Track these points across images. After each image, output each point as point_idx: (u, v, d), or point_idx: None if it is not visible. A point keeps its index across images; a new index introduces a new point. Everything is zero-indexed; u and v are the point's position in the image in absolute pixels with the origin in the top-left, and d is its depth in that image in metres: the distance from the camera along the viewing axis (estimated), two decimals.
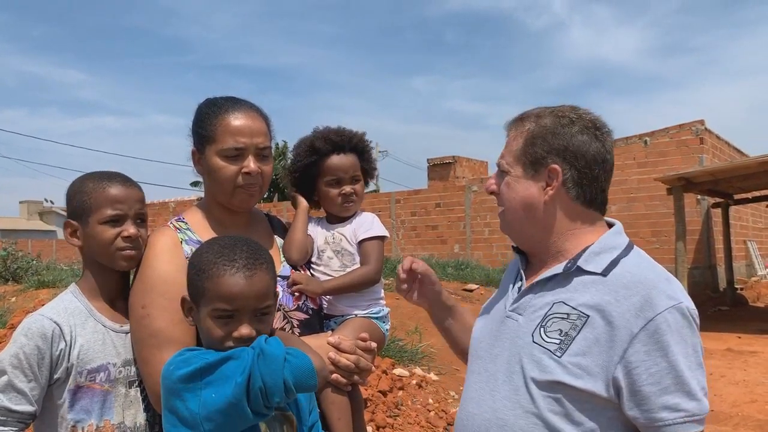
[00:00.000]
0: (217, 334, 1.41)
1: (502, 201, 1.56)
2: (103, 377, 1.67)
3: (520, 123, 1.55)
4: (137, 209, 1.75)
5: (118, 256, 1.71)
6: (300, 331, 1.83)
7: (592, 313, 1.37)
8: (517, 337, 1.46)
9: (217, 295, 1.41)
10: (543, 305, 1.45)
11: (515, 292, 1.57)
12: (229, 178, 1.75)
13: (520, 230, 1.57)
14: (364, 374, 1.80)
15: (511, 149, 1.55)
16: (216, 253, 1.47)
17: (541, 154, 1.50)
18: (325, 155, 2.01)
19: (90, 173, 1.80)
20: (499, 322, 1.55)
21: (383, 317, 2.03)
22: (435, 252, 17.46)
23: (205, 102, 1.85)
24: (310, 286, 1.89)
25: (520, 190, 1.53)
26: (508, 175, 1.54)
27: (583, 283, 1.42)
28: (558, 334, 1.39)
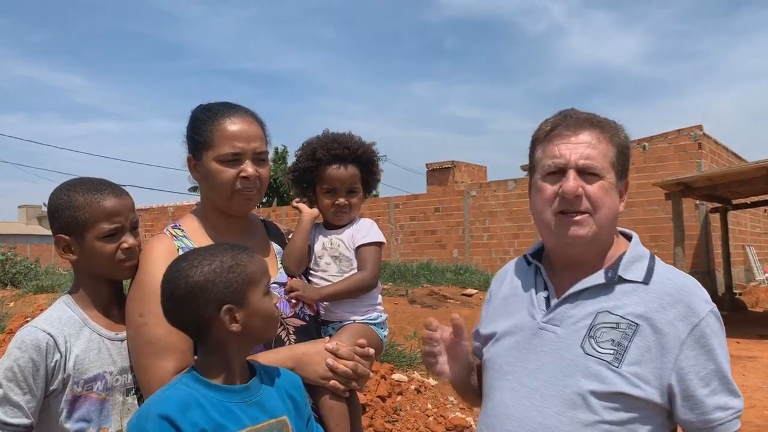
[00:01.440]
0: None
1: (595, 205, 1.46)
2: (100, 386, 1.66)
3: (598, 128, 1.50)
4: (132, 218, 1.74)
5: (120, 268, 1.71)
6: (296, 338, 1.83)
7: (640, 321, 1.38)
8: (561, 350, 1.43)
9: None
10: (585, 315, 1.43)
11: (541, 302, 1.52)
12: (227, 183, 1.75)
13: (599, 239, 1.50)
14: (362, 380, 1.80)
15: (603, 153, 1.48)
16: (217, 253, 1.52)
17: (627, 167, 1.55)
18: (325, 164, 2.01)
19: (74, 183, 1.75)
20: (530, 335, 1.49)
21: (381, 323, 2.03)
22: (434, 257, 17.44)
23: (199, 108, 1.85)
24: (307, 292, 1.89)
25: (614, 198, 1.50)
26: (601, 179, 1.47)
27: (625, 291, 1.43)
28: (611, 344, 1.38)
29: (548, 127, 1.54)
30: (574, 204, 1.46)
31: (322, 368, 1.73)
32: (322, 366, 1.73)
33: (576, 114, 1.54)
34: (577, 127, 1.50)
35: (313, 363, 1.73)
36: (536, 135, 1.59)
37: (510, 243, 16.53)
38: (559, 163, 1.48)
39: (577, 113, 1.54)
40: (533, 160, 1.59)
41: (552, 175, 1.50)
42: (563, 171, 1.48)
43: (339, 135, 2.05)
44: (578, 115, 1.54)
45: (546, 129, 1.55)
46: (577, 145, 1.48)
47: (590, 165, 1.46)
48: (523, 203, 16.21)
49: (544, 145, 1.55)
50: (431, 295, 10.47)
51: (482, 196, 17.25)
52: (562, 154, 1.48)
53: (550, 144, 1.53)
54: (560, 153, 1.49)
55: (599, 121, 1.52)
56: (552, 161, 1.50)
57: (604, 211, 1.47)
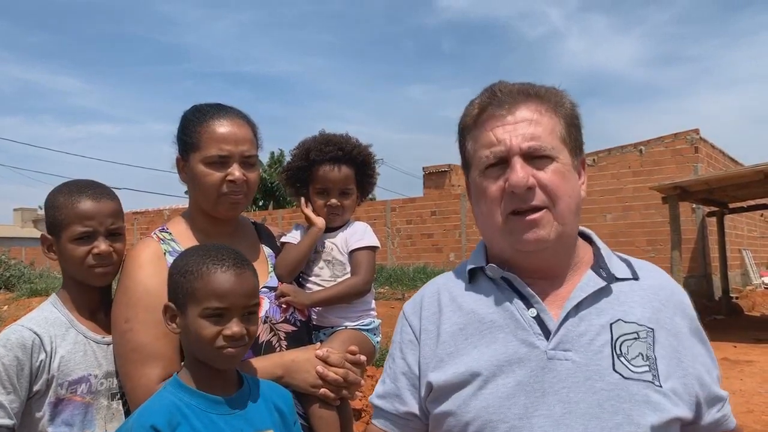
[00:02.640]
0: (208, 334, 1.39)
1: (553, 196, 1.19)
2: (85, 389, 1.63)
3: (537, 99, 1.23)
4: (109, 224, 1.70)
5: (90, 273, 1.68)
6: (288, 344, 1.78)
7: (652, 325, 1.17)
8: (590, 380, 1.11)
9: (209, 293, 1.39)
10: (598, 330, 1.16)
11: (532, 323, 1.19)
12: (213, 186, 1.71)
13: (565, 238, 1.23)
14: (353, 388, 1.76)
15: (549, 129, 1.21)
16: (202, 255, 1.46)
17: (581, 141, 1.27)
18: (318, 164, 1.97)
19: (65, 184, 1.75)
20: (538, 369, 1.14)
21: (374, 329, 1.99)
22: (430, 260, 17.40)
23: (190, 109, 1.81)
24: (298, 297, 1.84)
25: (573, 182, 1.23)
26: (553, 161, 1.20)
27: (623, 292, 1.21)
28: (642, 359, 1.13)
29: (476, 110, 1.26)
30: (527, 199, 1.18)
31: (311, 376, 1.69)
32: (312, 374, 1.69)
33: (506, 87, 1.26)
34: (511, 102, 1.22)
35: (302, 370, 1.68)
36: (463, 122, 1.30)
37: None
38: (499, 151, 1.20)
39: (507, 85, 1.26)
40: (465, 154, 1.31)
41: (492, 168, 1.22)
42: (505, 160, 1.20)
43: (334, 135, 2.01)
44: (509, 87, 1.25)
45: (474, 113, 1.27)
46: (516, 125, 1.20)
47: (537, 146, 1.19)
48: None
49: (475, 133, 1.27)
50: None
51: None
52: (500, 139, 1.20)
53: (482, 130, 1.25)
54: (497, 138, 1.21)
55: (536, 90, 1.25)
56: (489, 151, 1.22)
57: (565, 201, 1.20)
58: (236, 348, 1.40)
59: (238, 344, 1.40)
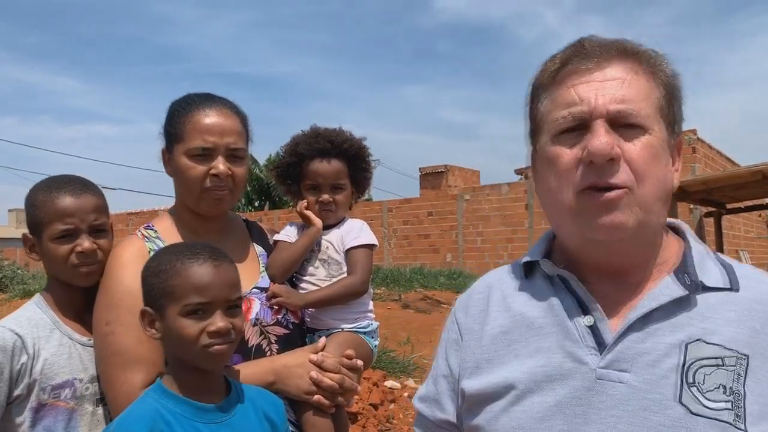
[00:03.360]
0: (191, 333, 1.30)
1: (640, 174, 0.97)
2: (69, 394, 1.56)
3: (633, 58, 1.02)
4: (91, 220, 1.62)
5: (74, 273, 1.60)
6: (279, 347, 1.69)
7: (748, 351, 0.92)
8: (645, 411, 0.91)
9: (187, 288, 1.31)
10: (667, 350, 0.94)
11: (585, 333, 1.00)
12: (196, 180, 1.62)
13: (647, 229, 1.00)
14: (349, 395, 1.66)
15: (645, 94, 0.99)
16: (175, 252, 1.38)
17: (679, 116, 1.05)
18: (308, 159, 1.88)
19: (45, 180, 1.68)
20: (582, 389, 0.96)
21: (372, 332, 1.89)
22: (427, 261, 17.34)
23: (179, 99, 1.72)
24: (290, 298, 1.75)
25: (666, 163, 1.01)
26: (645, 133, 0.98)
27: (712, 306, 0.97)
28: (723, 392, 0.90)
29: (556, 64, 1.04)
30: (607, 173, 0.96)
31: (305, 382, 1.59)
32: (305, 379, 1.59)
33: (597, 40, 1.03)
34: (601, 56, 1.00)
35: (295, 376, 1.59)
36: (538, 80, 1.08)
37: (503, 247, 16.45)
38: (579, 111, 0.99)
39: (598, 39, 1.04)
40: (536, 117, 1.09)
41: (568, 133, 1.01)
42: (586, 125, 0.98)
43: (325, 129, 1.92)
44: (600, 40, 1.03)
45: (553, 67, 1.04)
46: (604, 83, 0.99)
47: (628, 111, 0.97)
48: (517, 207, 16.18)
49: (552, 90, 1.04)
50: (424, 300, 10.39)
51: (475, 200, 17.18)
52: (583, 97, 0.99)
53: (561, 87, 1.03)
54: (579, 96, 0.99)
55: (634, 47, 1.03)
56: (567, 111, 1.00)
57: (653, 183, 0.97)
58: (223, 345, 1.32)
59: (224, 340, 1.32)
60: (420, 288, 11.92)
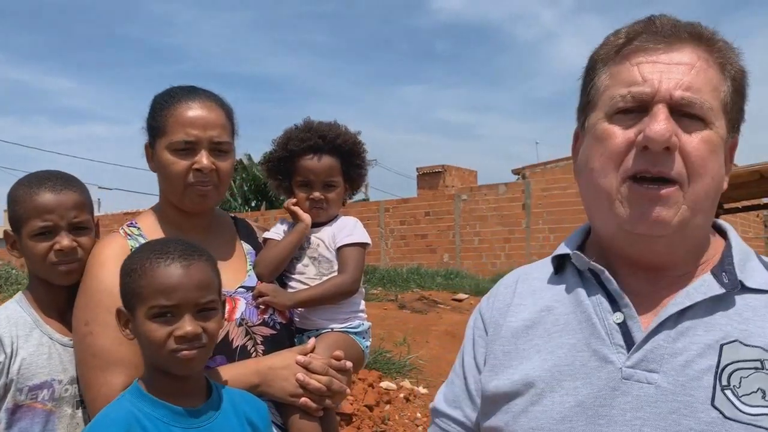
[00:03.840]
0: (158, 336, 1.24)
1: (694, 170, 0.91)
2: (47, 395, 1.51)
3: (706, 44, 0.96)
4: (71, 218, 1.56)
5: (53, 271, 1.55)
6: (265, 348, 1.63)
7: None
8: (675, 414, 0.86)
9: (153, 290, 1.25)
10: (702, 350, 0.89)
11: (614, 330, 0.94)
12: (179, 175, 1.56)
13: (691, 230, 0.95)
14: (337, 398, 1.60)
15: (713, 86, 0.93)
16: (147, 250, 1.32)
17: (742, 115, 1.00)
18: (299, 154, 1.82)
19: (26, 176, 1.63)
20: (607, 389, 0.91)
21: (363, 332, 1.83)
22: (424, 261, 17.28)
23: (162, 92, 1.67)
24: (278, 298, 1.69)
25: (721, 162, 0.96)
26: (707, 127, 0.93)
27: (752, 307, 0.92)
28: (762, 397, 0.84)
29: (622, 39, 0.97)
30: (661, 162, 0.90)
31: (291, 384, 1.53)
32: (291, 381, 1.53)
33: (670, 20, 0.96)
34: (672, 37, 0.94)
35: (280, 378, 1.53)
36: (600, 52, 1.01)
37: (501, 248, 16.42)
38: (640, 92, 0.92)
39: (670, 18, 0.97)
40: (590, 92, 1.02)
41: (625, 114, 0.94)
42: (645, 108, 0.92)
43: (318, 123, 1.86)
44: (673, 21, 0.96)
45: (618, 42, 0.97)
46: (670, 66, 0.92)
47: (693, 100, 0.91)
48: (514, 207, 16.15)
49: (613, 66, 0.98)
50: (421, 300, 10.33)
51: (473, 200, 17.14)
52: (647, 78, 0.92)
53: (624, 63, 0.96)
54: (643, 76, 0.93)
55: (708, 33, 0.96)
56: (627, 90, 0.93)
57: (706, 181, 0.92)
58: (192, 350, 1.25)
59: (193, 345, 1.25)
60: (417, 288, 11.87)
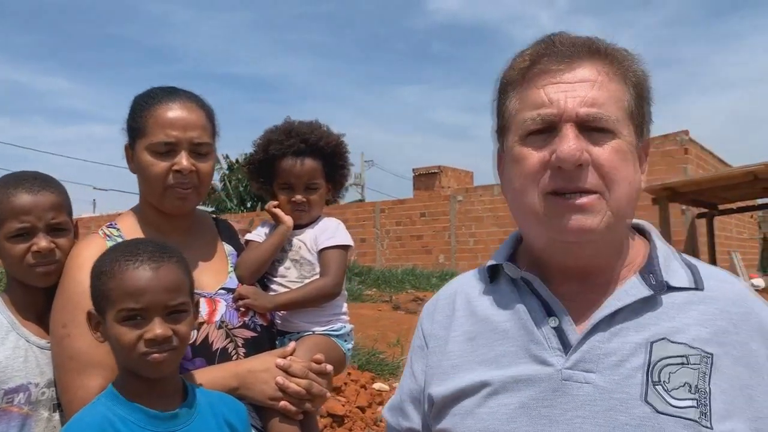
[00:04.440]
0: (127, 340, 1.23)
1: (609, 180, 0.96)
2: (23, 399, 1.49)
3: (605, 58, 1.00)
4: (49, 219, 1.55)
5: (30, 273, 1.54)
6: (246, 351, 1.62)
7: (713, 349, 0.92)
8: (611, 411, 0.91)
9: (122, 293, 1.24)
10: (632, 350, 0.94)
11: (551, 335, 0.99)
12: (158, 177, 1.55)
13: (616, 233, 1.00)
14: (317, 401, 1.59)
15: (616, 97, 0.98)
16: (117, 252, 1.31)
17: (649, 120, 1.04)
18: (280, 158, 1.80)
19: (4, 176, 1.62)
20: (548, 390, 0.95)
21: (345, 335, 1.82)
22: (419, 262, 17.26)
23: (142, 93, 1.66)
24: (258, 300, 1.68)
25: (635, 167, 1.00)
26: (615, 137, 0.97)
27: (677, 305, 0.97)
28: (688, 390, 0.89)
29: (526, 62, 1.01)
30: (575, 178, 0.95)
31: (270, 387, 1.52)
32: (271, 385, 1.52)
33: (568, 38, 1.00)
34: (572, 56, 0.98)
35: (260, 381, 1.52)
36: (507, 76, 1.05)
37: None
38: (548, 114, 0.97)
39: (569, 37, 1.01)
40: (504, 115, 1.06)
41: (537, 135, 0.99)
42: (554, 127, 0.97)
43: (299, 125, 1.84)
44: (572, 39, 1.00)
45: (523, 65, 1.01)
46: (574, 85, 0.97)
47: (598, 115, 0.95)
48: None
49: (521, 90, 1.02)
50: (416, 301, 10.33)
51: (468, 201, 17.13)
52: (552, 99, 0.97)
53: (531, 87, 1.00)
54: (549, 98, 0.97)
55: (605, 47, 1.00)
56: (536, 113, 0.98)
57: (623, 187, 0.97)
58: (162, 353, 1.24)
59: (163, 348, 1.24)
60: (411, 289, 11.86)
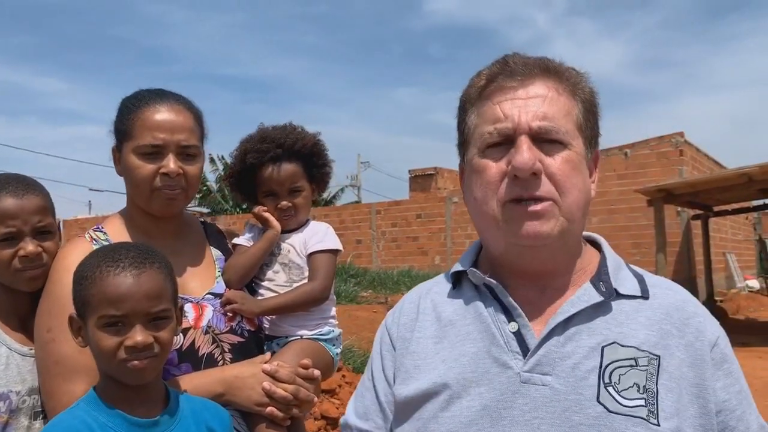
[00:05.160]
0: (107, 346, 1.22)
1: (561, 187, 1.04)
2: (3, 407, 1.46)
3: (555, 76, 1.08)
4: (35, 222, 1.53)
5: (17, 278, 1.52)
6: (233, 357, 1.60)
7: (660, 351, 1.00)
8: (567, 412, 0.97)
9: (102, 300, 1.23)
10: (586, 353, 1.00)
11: (510, 339, 1.05)
12: (146, 180, 1.54)
13: (569, 239, 1.08)
14: (305, 406, 1.58)
15: (565, 111, 1.06)
16: (98, 257, 1.29)
17: (597, 132, 1.12)
18: (258, 166, 1.79)
19: None
20: (508, 393, 1.01)
21: (333, 339, 1.81)
22: (415, 264, 17.26)
23: (130, 95, 1.64)
24: (246, 305, 1.66)
25: (585, 176, 1.09)
26: (565, 148, 1.05)
27: (625, 312, 1.05)
28: (637, 391, 0.97)
29: (483, 80, 1.10)
30: (530, 186, 1.03)
31: (257, 393, 1.51)
32: (258, 390, 1.51)
33: (521, 58, 1.09)
34: (525, 75, 1.06)
35: (246, 387, 1.51)
36: (466, 94, 1.15)
37: None
38: (504, 128, 1.05)
39: (522, 57, 1.09)
40: (464, 131, 1.15)
41: (494, 147, 1.07)
42: (511, 140, 1.05)
43: (272, 130, 1.82)
44: (524, 59, 1.08)
45: (480, 83, 1.10)
46: (527, 101, 1.05)
47: (549, 128, 1.04)
48: None
49: (479, 106, 1.10)
50: None
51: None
52: (507, 114, 1.05)
53: (487, 103, 1.08)
54: (504, 113, 1.06)
55: (556, 66, 1.09)
56: (493, 127, 1.06)
57: (574, 195, 1.05)
58: (143, 360, 1.23)
59: (143, 355, 1.23)
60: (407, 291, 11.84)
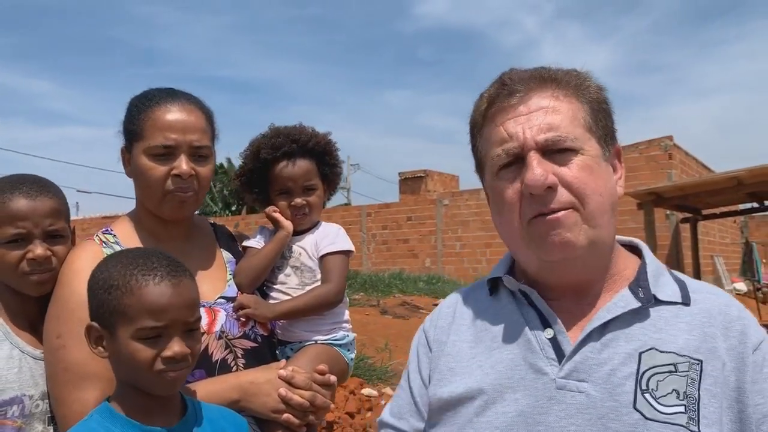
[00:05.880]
0: (145, 358, 1.17)
1: (580, 194, 1.01)
2: (17, 411, 1.43)
3: (553, 84, 1.07)
4: (46, 225, 1.49)
5: (24, 281, 1.48)
6: (246, 362, 1.57)
7: (702, 356, 0.97)
8: (603, 418, 0.95)
9: (142, 311, 1.17)
10: (623, 359, 0.98)
11: (546, 346, 1.04)
12: (157, 181, 1.50)
13: (600, 243, 1.05)
14: (321, 413, 1.55)
15: (571, 116, 1.04)
16: (128, 264, 1.23)
17: (612, 127, 1.10)
18: (273, 163, 1.76)
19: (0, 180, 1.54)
20: (544, 399, 1.00)
21: (347, 344, 1.78)
22: (406, 266, 17.25)
23: (139, 94, 1.60)
24: (259, 309, 1.63)
25: (606, 175, 1.06)
26: (577, 154, 1.03)
27: (664, 318, 1.02)
28: (676, 397, 0.94)
29: (484, 104, 1.10)
30: (549, 201, 1.01)
31: (273, 399, 1.48)
32: (274, 397, 1.48)
33: (517, 73, 1.08)
34: (523, 90, 1.05)
35: (262, 393, 1.47)
36: (472, 119, 1.15)
37: (482, 252, 16.44)
38: (511, 147, 1.04)
39: (518, 72, 1.09)
40: (477, 156, 1.16)
41: (506, 168, 1.07)
42: (521, 158, 1.04)
43: (285, 128, 1.80)
44: (520, 74, 1.08)
45: (482, 107, 1.11)
46: (529, 116, 1.04)
47: (556, 138, 1.02)
48: None
49: (485, 130, 1.10)
50: (403, 306, 10.29)
51: (455, 205, 17.15)
52: (512, 133, 1.04)
53: (492, 126, 1.08)
54: (509, 133, 1.05)
55: (552, 74, 1.08)
56: (501, 149, 1.06)
57: (595, 199, 1.02)
58: (179, 371, 1.19)
59: (180, 366, 1.19)
60: (398, 293, 11.81)
